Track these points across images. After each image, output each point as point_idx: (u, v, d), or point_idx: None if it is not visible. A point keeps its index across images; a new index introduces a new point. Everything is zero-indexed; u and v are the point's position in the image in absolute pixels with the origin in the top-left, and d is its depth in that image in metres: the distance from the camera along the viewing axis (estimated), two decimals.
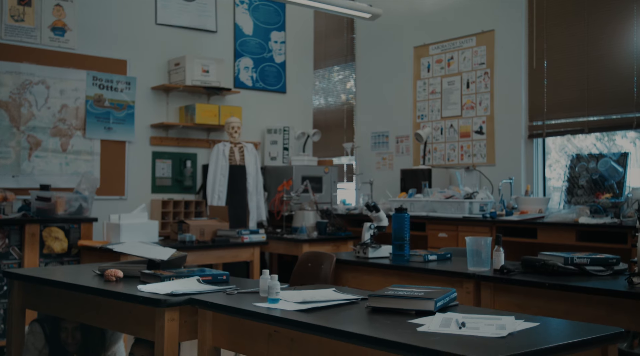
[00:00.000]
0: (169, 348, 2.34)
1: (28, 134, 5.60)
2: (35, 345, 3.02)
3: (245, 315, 2.15)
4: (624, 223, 4.31)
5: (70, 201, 4.99)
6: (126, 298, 2.48)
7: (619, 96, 5.08)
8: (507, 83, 5.79)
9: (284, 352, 2.04)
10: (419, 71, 6.58)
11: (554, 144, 5.75)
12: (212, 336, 2.30)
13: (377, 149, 6.97)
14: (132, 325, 2.50)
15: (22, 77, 5.58)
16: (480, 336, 1.70)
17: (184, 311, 2.38)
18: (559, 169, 5.66)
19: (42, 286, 2.94)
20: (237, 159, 6.20)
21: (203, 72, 6.28)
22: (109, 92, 6.03)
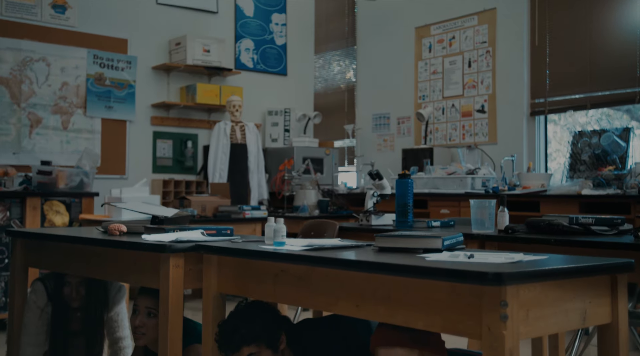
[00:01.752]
0: (174, 295, 2.32)
1: (29, 111, 5.58)
2: (37, 303, 2.98)
3: (251, 256, 2.13)
4: (627, 194, 4.29)
5: (72, 176, 4.97)
6: (130, 246, 2.46)
7: (621, 71, 5.07)
8: (509, 61, 5.78)
9: (290, 291, 2.02)
10: (420, 52, 6.57)
11: (557, 125, 5.74)
12: (217, 282, 2.28)
13: (378, 130, 6.95)
14: (137, 273, 2.48)
15: (23, 54, 5.56)
16: (490, 262, 1.69)
17: (189, 259, 2.35)
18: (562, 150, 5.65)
19: (45, 241, 2.93)
20: (239, 137, 6.19)
21: (204, 52, 6.26)
22: (110, 71, 6.01)
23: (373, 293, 1.77)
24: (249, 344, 2.17)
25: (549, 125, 5.74)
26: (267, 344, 2.19)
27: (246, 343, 2.17)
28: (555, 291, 1.63)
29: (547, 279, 1.58)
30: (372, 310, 1.77)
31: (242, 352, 2.18)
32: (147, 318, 2.55)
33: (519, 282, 1.49)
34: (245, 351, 2.18)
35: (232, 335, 2.19)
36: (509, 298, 1.47)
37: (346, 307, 1.86)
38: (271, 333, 2.21)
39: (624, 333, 1.80)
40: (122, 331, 3.18)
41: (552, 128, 5.77)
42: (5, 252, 4.58)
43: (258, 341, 2.18)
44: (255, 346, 2.18)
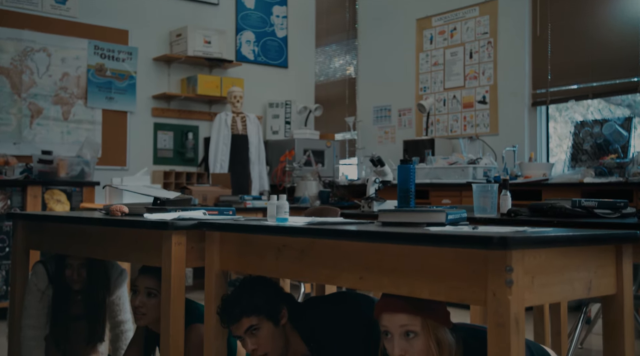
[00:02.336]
0: (176, 273, 2.31)
1: (29, 101, 5.57)
2: (38, 285, 2.97)
3: (254, 231, 2.12)
4: (630, 181, 4.28)
5: (73, 165, 4.96)
6: (132, 224, 2.45)
7: (622, 61, 5.06)
8: (511, 52, 5.77)
9: (293, 265, 2.01)
10: (421, 43, 6.56)
11: (558, 122, 5.73)
12: (219, 259, 2.27)
13: (379, 123, 6.94)
14: (138, 252, 2.47)
15: (23, 44, 5.55)
16: (496, 231, 1.68)
17: (191, 237, 2.34)
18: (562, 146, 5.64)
19: (46, 223, 2.92)
20: (240, 128, 6.18)
21: (205, 43, 6.25)
22: (111, 62, 6.00)
23: (377, 265, 1.76)
24: (249, 315, 2.17)
25: (549, 121, 5.73)
26: (267, 316, 2.19)
27: (246, 314, 2.17)
28: (561, 260, 1.62)
29: (552, 245, 1.57)
30: (376, 282, 1.76)
31: (242, 323, 2.18)
32: (147, 298, 2.54)
33: (524, 247, 1.48)
34: (245, 323, 2.18)
35: (233, 306, 2.19)
36: (514, 263, 1.46)
37: (349, 280, 1.85)
38: (272, 306, 2.21)
39: (629, 305, 1.79)
40: (123, 314, 3.18)
41: (552, 124, 5.76)
42: (6, 240, 4.57)
43: (258, 313, 2.18)
44: (255, 318, 2.18)
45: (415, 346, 1.69)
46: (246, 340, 2.20)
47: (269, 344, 2.19)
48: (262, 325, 2.19)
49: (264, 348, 2.19)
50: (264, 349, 2.19)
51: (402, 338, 1.71)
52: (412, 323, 1.69)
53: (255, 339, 2.19)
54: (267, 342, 2.19)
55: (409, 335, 1.70)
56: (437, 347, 1.70)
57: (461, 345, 1.75)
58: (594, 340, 4.16)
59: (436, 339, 1.70)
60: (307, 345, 2.27)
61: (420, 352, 1.69)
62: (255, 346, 2.19)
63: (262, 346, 2.19)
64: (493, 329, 1.48)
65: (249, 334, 2.19)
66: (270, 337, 2.19)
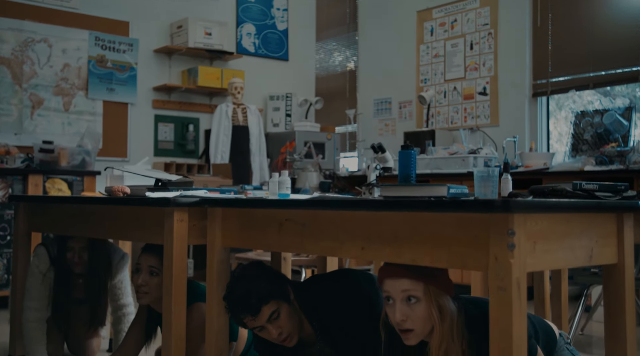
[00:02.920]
0: (178, 250, 2.31)
1: (30, 92, 5.58)
2: (39, 267, 2.98)
3: (256, 205, 2.13)
4: (630, 168, 4.29)
5: (74, 154, 4.96)
6: (134, 202, 2.46)
7: (623, 50, 5.07)
8: (511, 43, 5.77)
9: (295, 239, 2.02)
10: (422, 35, 6.56)
11: (558, 120, 5.73)
12: (221, 235, 2.27)
13: (379, 115, 6.94)
14: (140, 230, 2.47)
15: (24, 35, 5.55)
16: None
17: (193, 214, 2.34)
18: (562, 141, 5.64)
19: (48, 205, 2.92)
20: (240, 119, 6.18)
21: (205, 35, 6.26)
22: (111, 53, 6.01)
23: (379, 235, 1.77)
24: (267, 302, 2.14)
25: (549, 116, 5.73)
26: (281, 298, 2.18)
27: (264, 302, 2.14)
28: (562, 227, 1.63)
29: (554, 211, 1.58)
30: (378, 251, 1.77)
31: (264, 312, 2.14)
32: (150, 277, 2.55)
33: (526, 211, 1.48)
34: (266, 311, 2.14)
35: (247, 298, 2.14)
36: (516, 227, 1.46)
37: (351, 251, 1.85)
38: (280, 286, 2.21)
39: (630, 275, 1.79)
40: (125, 298, 3.18)
41: (552, 121, 5.76)
42: (7, 229, 4.58)
43: (273, 297, 2.16)
44: (274, 303, 2.15)
45: (417, 311, 1.70)
46: (268, 327, 2.16)
47: (290, 325, 2.19)
48: (280, 308, 2.18)
49: (287, 330, 2.18)
50: (287, 331, 2.19)
51: (403, 303, 1.71)
52: (414, 288, 1.70)
53: (277, 323, 2.16)
54: (287, 323, 2.19)
55: (410, 300, 1.71)
56: (438, 314, 1.70)
57: (463, 314, 1.76)
58: (594, 327, 4.16)
59: (438, 305, 1.70)
60: (310, 322, 2.28)
61: (421, 317, 1.70)
62: (280, 330, 2.17)
63: (285, 328, 2.18)
64: (495, 293, 1.48)
65: (271, 321, 2.16)
66: (289, 317, 2.19)
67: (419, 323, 1.70)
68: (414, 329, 1.71)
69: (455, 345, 1.72)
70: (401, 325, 1.71)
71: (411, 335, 1.72)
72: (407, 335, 1.72)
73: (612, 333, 1.81)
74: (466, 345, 1.73)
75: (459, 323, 1.73)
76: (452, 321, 1.72)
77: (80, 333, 3.19)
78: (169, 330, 2.33)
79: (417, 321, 1.70)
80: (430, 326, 1.71)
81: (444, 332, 1.71)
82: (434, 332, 1.71)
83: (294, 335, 2.19)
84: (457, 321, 1.72)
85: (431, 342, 1.72)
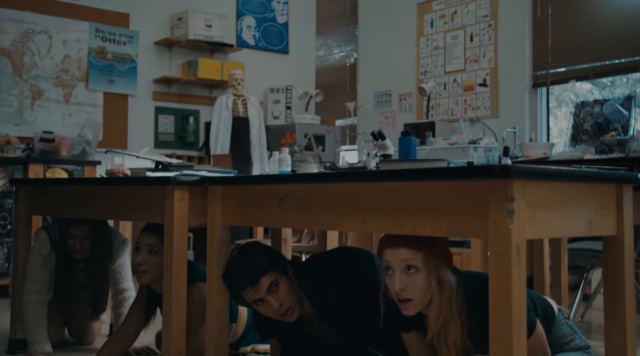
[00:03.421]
0: (179, 229, 2.32)
1: (31, 83, 5.58)
2: (40, 251, 2.99)
3: (257, 181, 2.13)
4: (630, 156, 4.29)
5: (74, 144, 4.96)
6: (134, 181, 2.46)
7: (623, 40, 5.07)
8: (511, 34, 5.78)
9: (295, 214, 2.02)
10: (422, 28, 6.57)
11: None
12: (221, 213, 2.28)
13: (380, 108, 6.95)
14: (140, 210, 2.48)
15: (25, 26, 5.56)
16: None
17: (194, 193, 2.35)
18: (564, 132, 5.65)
19: (48, 187, 2.93)
20: (241, 111, 6.19)
21: (206, 27, 6.27)
22: (112, 45, 6.02)
23: (378, 206, 1.77)
24: (266, 272, 2.14)
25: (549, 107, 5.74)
26: (280, 271, 2.18)
27: (263, 273, 2.14)
28: (562, 196, 1.63)
29: (553, 179, 1.58)
30: (379, 223, 1.77)
31: (262, 283, 2.14)
32: (149, 255, 2.55)
33: (526, 178, 1.48)
34: (265, 282, 2.13)
35: (245, 269, 2.13)
36: (515, 193, 1.47)
37: (352, 223, 1.86)
38: (279, 261, 2.21)
39: (630, 247, 1.80)
40: (125, 282, 3.19)
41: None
42: (7, 218, 4.58)
43: (272, 268, 2.16)
44: (273, 273, 2.15)
45: (416, 281, 1.70)
46: (268, 298, 2.15)
47: (290, 297, 2.18)
48: (279, 279, 2.17)
49: (287, 302, 2.17)
50: (287, 303, 2.17)
51: (402, 273, 1.71)
52: (414, 257, 1.70)
53: (277, 295, 2.15)
54: (287, 295, 2.18)
55: (409, 269, 1.71)
56: (437, 284, 1.70)
57: (462, 286, 1.76)
58: (594, 314, 4.17)
59: (437, 276, 1.71)
60: (309, 300, 2.28)
61: (420, 287, 1.70)
62: (280, 302, 2.16)
63: (285, 300, 2.17)
64: (494, 259, 1.48)
65: (271, 292, 2.15)
66: (289, 290, 2.19)
67: (417, 292, 1.71)
68: (412, 299, 1.71)
69: (454, 315, 1.72)
70: (400, 295, 1.71)
71: (410, 305, 1.72)
72: (406, 304, 1.72)
73: (611, 306, 1.81)
74: (465, 316, 1.74)
75: (458, 295, 1.74)
76: (451, 292, 1.72)
77: (81, 317, 3.20)
78: (169, 309, 2.33)
79: (416, 291, 1.70)
80: (429, 297, 1.72)
81: (442, 303, 1.71)
82: (433, 303, 1.72)
83: (294, 308, 2.19)
84: (456, 292, 1.73)
85: (429, 312, 1.73)
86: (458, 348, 1.73)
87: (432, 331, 1.73)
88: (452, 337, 1.72)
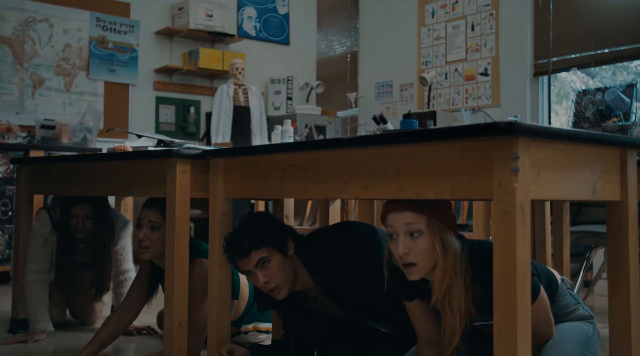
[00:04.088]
0: (181, 202, 2.32)
1: (32, 71, 5.58)
2: (41, 231, 2.98)
3: (258, 151, 2.13)
4: None
5: (75, 131, 4.96)
6: (137, 155, 2.46)
7: (625, 28, 5.06)
8: (513, 23, 5.77)
9: (298, 184, 2.01)
10: (423, 18, 6.56)
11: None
12: (223, 186, 2.27)
13: (381, 98, 6.94)
14: (142, 185, 2.47)
15: (26, 14, 5.55)
16: None
17: (196, 167, 2.35)
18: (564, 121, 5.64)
19: (50, 165, 2.92)
20: (242, 100, 6.18)
21: (207, 17, 6.26)
22: (113, 35, 6.01)
23: (381, 172, 1.76)
24: (258, 248, 2.14)
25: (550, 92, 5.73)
26: (276, 248, 2.17)
27: (255, 247, 2.14)
28: (566, 158, 1.63)
29: (558, 138, 1.57)
30: (382, 188, 1.76)
31: (252, 257, 2.14)
32: (151, 232, 2.54)
33: (531, 136, 1.48)
34: (255, 256, 2.14)
35: (240, 241, 2.16)
36: (520, 151, 1.46)
37: (355, 190, 1.85)
38: (279, 238, 2.20)
39: (634, 212, 1.79)
40: (127, 264, 3.19)
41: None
42: (8, 204, 4.57)
43: (266, 245, 2.16)
44: (264, 250, 2.15)
45: (420, 245, 1.69)
46: (257, 273, 2.15)
47: (280, 275, 2.17)
48: (271, 256, 2.16)
49: (275, 280, 2.17)
50: (275, 281, 2.17)
51: (407, 237, 1.70)
52: (418, 221, 1.69)
53: (266, 271, 2.16)
54: (277, 274, 2.17)
55: (414, 234, 1.70)
56: (442, 248, 1.69)
57: (466, 251, 1.75)
58: (595, 300, 4.17)
59: (441, 240, 1.70)
60: (311, 275, 2.27)
61: (424, 251, 1.69)
62: (267, 279, 2.16)
63: (273, 278, 2.16)
64: (498, 218, 1.48)
65: (259, 267, 2.15)
66: (280, 269, 2.17)
67: (422, 256, 1.70)
68: (417, 263, 1.70)
69: (459, 279, 1.72)
70: (404, 259, 1.70)
71: (414, 269, 1.71)
72: (410, 269, 1.72)
73: (615, 273, 1.80)
74: (469, 281, 1.73)
75: (462, 259, 1.73)
76: (455, 256, 1.71)
77: (83, 298, 3.20)
78: (171, 281, 2.33)
79: (420, 255, 1.70)
80: (434, 261, 1.71)
81: (447, 266, 1.71)
82: (437, 267, 1.71)
83: (283, 287, 2.18)
84: (460, 257, 1.72)
85: (434, 276, 1.72)
86: (462, 312, 1.72)
87: (436, 295, 1.72)
88: (457, 301, 1.72)
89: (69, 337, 2.98)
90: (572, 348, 1.86)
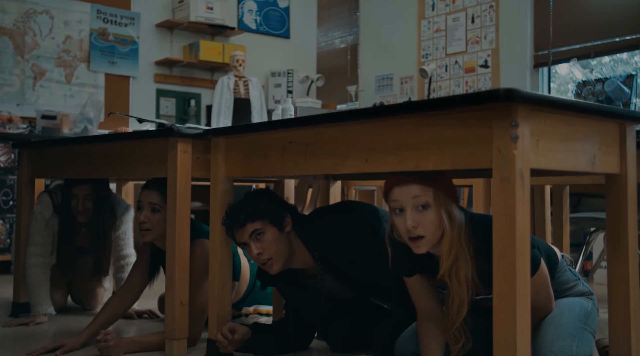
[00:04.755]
0: (182, 182, 2.32)
1: (32, 63, 5.59)
2: (42, 214, 2.99)
3: (259, 129, 2.14)
4: None
5: (76, 121, 4.97)
6: (137, 135, 2.46)
7: (625, 18, 5.07)
8: (513, 14, 5.77)
9: (298, 160, 2.02)
10: (423, 11, 6.56)
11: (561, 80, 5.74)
12: (225, 165, 2.28)
13: (381, 91, 6.95)
14: (144, 165, 2.48)
15: (26, 6, 5.56)
16: None
17: (197, 146, 2.35)
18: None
19: (51, 148, 2.93)
20: (242, 92, 6.19)
21: (207, 9, 6.26)
22: (113, 27, 6.02)
23: (381, 145, 1.77)
24: (253, 221, 2.16)
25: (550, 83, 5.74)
26: (271, 222, 2.18)
27: (250, 220, 2.16)
28: (565, 129, 1.64)
29: (557, 107, 1.58)
30: (382, 161, 1.77)
31: (247, 229, 2.17)
32: (151, 214, 2.55)
33: (530, 103, 1.49)
34: (249, 228, 2.17)
35: (237, 213, 2.18)
36: (519, 118, 1.47)
37: (355, 165, 1.86)
38: (275, 212, 2.21)
39: (632, 185, 1.80)
40: (128, 249, 3.20)
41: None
42: (10, 194, 4.59)
43: (262, 218, 2.17)
44: (259, 222, 2.17)
45: (428, 217, 1.69)
46: (250, 244, 2.19)
47: (273, 248, 2.19)
48: (266, 229, 2.18)
49: (268, 252, 2.18)
50: (268, 253, 2.18)
51: (414, 211, 1.70)
52: (425, 193, 1.69)
53: (259, 244, 2.18)
54: (271, 246, 2.18)
55: (421, 207, 1.70)
56: (448, 220, 1.70)
57: (470, 223, 1.76)
58: (595, 289, 4.17)
59: (447, 212, 1.70)
60: (311, 253, 2.28)
61: (432, 223, 1.69)
62: (260, 251, 2.18)
63: (266, 250, 2.18)
64: (498, 185, 1.49)
65: (253, 239, 2.18)
66: (274, 242, 2.19)
67: (430, 228, 1.70)
68: (425, 236, 1.71)
69: (464, 250, 1.72)
70: (412, 232, 1.70)
71: (422, 242, 1.72)
72: (418, 242, 1.72)
73: (613, 246, 1.81)
74: (473, 251, 1.74)
75: (466, 230, 1.74)
76: (460, 228, 1.72)
77: (84, 281, 3.21)
78: (172, 261, 2.34)
79: (429, 227, 1.70)
80: (440, 233, 1.71)
81: (453, 238, 1.71)
82: (444, 238, 1.71)
83: (276, 260, 2.19)
84: (464, 228, 1.73)
85: (441, 248, 1.73)
86: (469, 283, 1.73)
87: (444, 267, 1.72)
88: (463, 272, 1.72)
89: (71, 320, 2.99)
90: (571, 321, 1.87)
